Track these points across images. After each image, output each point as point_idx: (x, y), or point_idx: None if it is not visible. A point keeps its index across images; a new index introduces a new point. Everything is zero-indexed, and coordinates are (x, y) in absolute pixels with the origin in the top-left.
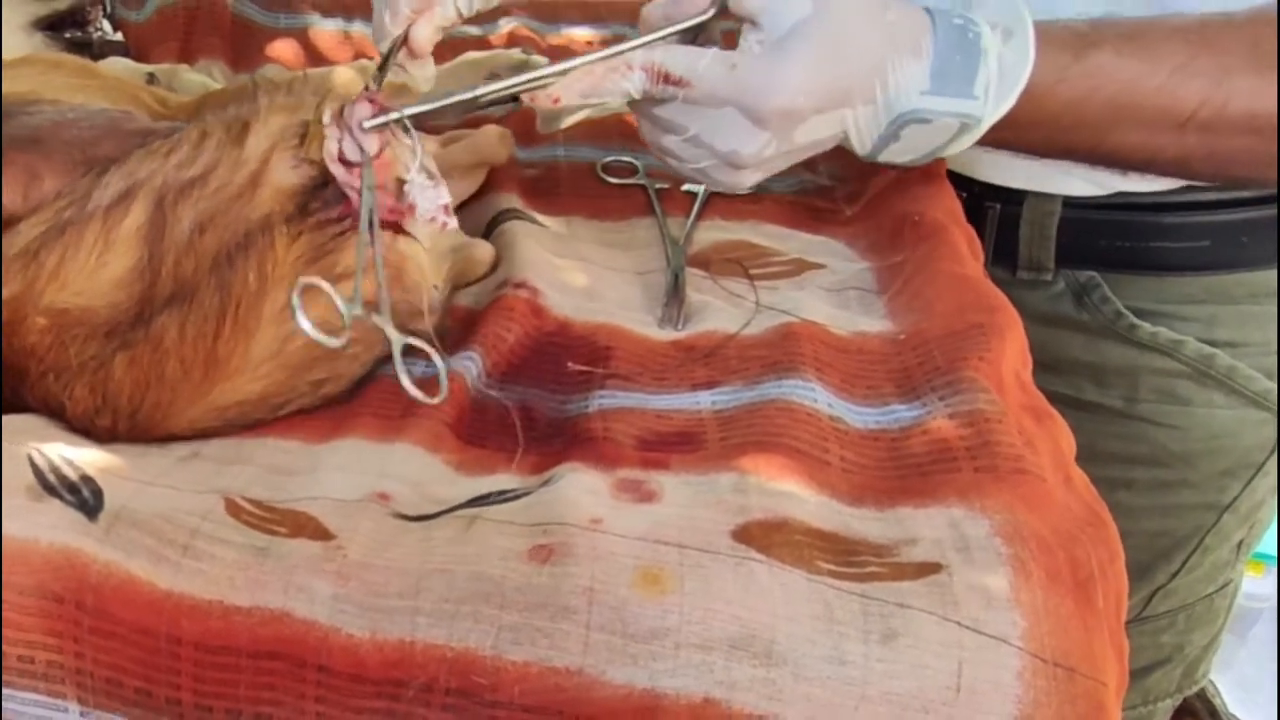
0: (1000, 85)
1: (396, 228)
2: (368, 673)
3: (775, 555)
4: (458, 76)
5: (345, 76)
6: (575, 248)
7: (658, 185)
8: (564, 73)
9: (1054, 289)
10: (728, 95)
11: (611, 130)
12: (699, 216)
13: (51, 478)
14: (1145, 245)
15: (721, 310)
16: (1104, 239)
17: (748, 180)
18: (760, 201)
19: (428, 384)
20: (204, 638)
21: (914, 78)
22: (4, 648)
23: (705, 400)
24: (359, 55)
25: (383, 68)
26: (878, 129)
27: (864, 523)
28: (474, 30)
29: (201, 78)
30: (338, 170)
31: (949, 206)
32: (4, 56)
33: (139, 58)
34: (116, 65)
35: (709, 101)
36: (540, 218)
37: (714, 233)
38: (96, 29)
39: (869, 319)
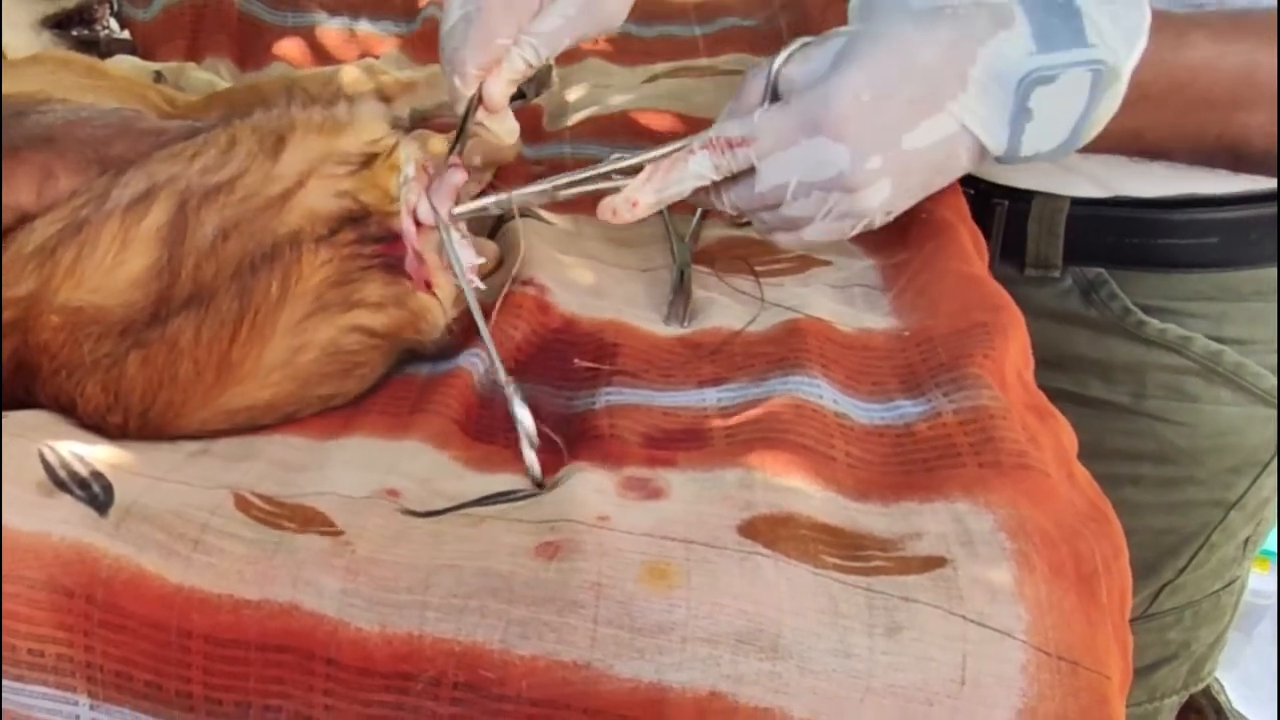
0: (1121, 30)
1: (425, 285)
2: (376, 666)
3: (781, 550)
4: None
5: (352, 75)
6: (581, 245)
7: None
8: (631, 169)
9: (1062, 286)
10: (793, 127)
11: (618, 128)
12: (705, 214)
13: (62, 473)
14: (1153, 242)
15: (727, 307)
16: (1112, 236)
17: (876, 199)
18: None
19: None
20: (214, 631)
21: (1014, 44)
22: (15, 641)
23: (711, 397)
24: (364, 53)
25: (461, 131)
26: (1003, 108)
27: (869, 517)
28: None
29: (209, 76)
30: (409, 226)
31: (956, 204)
32: (12, 55)
33: (146, 56)
34: (124, 64)
35: (781, 143)
36: (547, 215)
37: (719, 230)
38: (104, 27)
39: (874, 316)
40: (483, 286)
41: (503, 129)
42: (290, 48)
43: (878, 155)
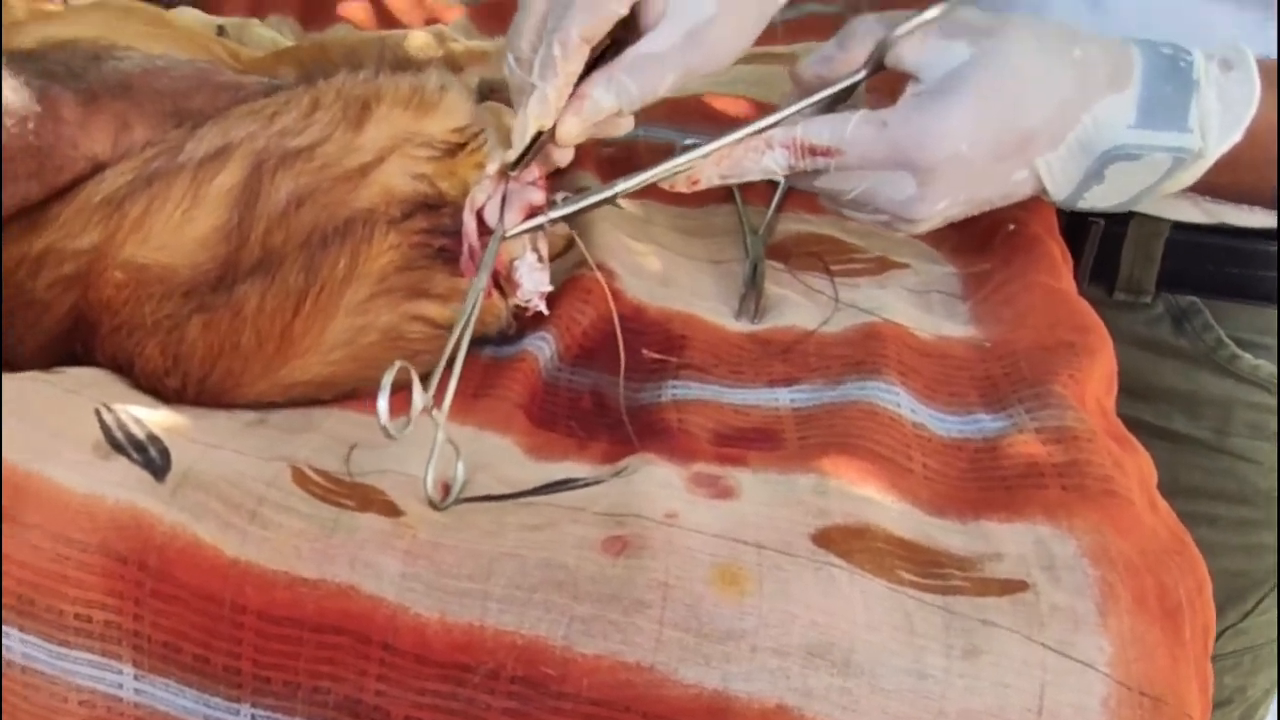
0: (1224, 118)
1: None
2: (433, 654)
3: (856, 562)
4: None
5: (420, 41)
6: (650, 232)
7: None
8: (703, 156)
9: (1152, 312)
10: (884, 156)
11: (691, 111)
12: (779, 207)
13: (119, 435)
14: (1255, 274)
15: (800, 305)
16: (1211, 264)
17: (926, 225)
18: None
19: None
20: (269, 608)
21: (1117, 111)
22: (62, 605)
23: (784, 397)
24: (431, 18)
25: (526, 152)
26: (1078, 171)
27: (946, 534)
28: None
29: (272, 34)
30: (469, 222)
31: (1046, 218)
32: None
33: (208, 9)
34: (186, 15)
35: (864, 165)
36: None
37: (794, 224)
38: None
39: (952, 324)
40: (545, 312)
41: (560, 157)
42: (355, 9)
43: (949, 200)
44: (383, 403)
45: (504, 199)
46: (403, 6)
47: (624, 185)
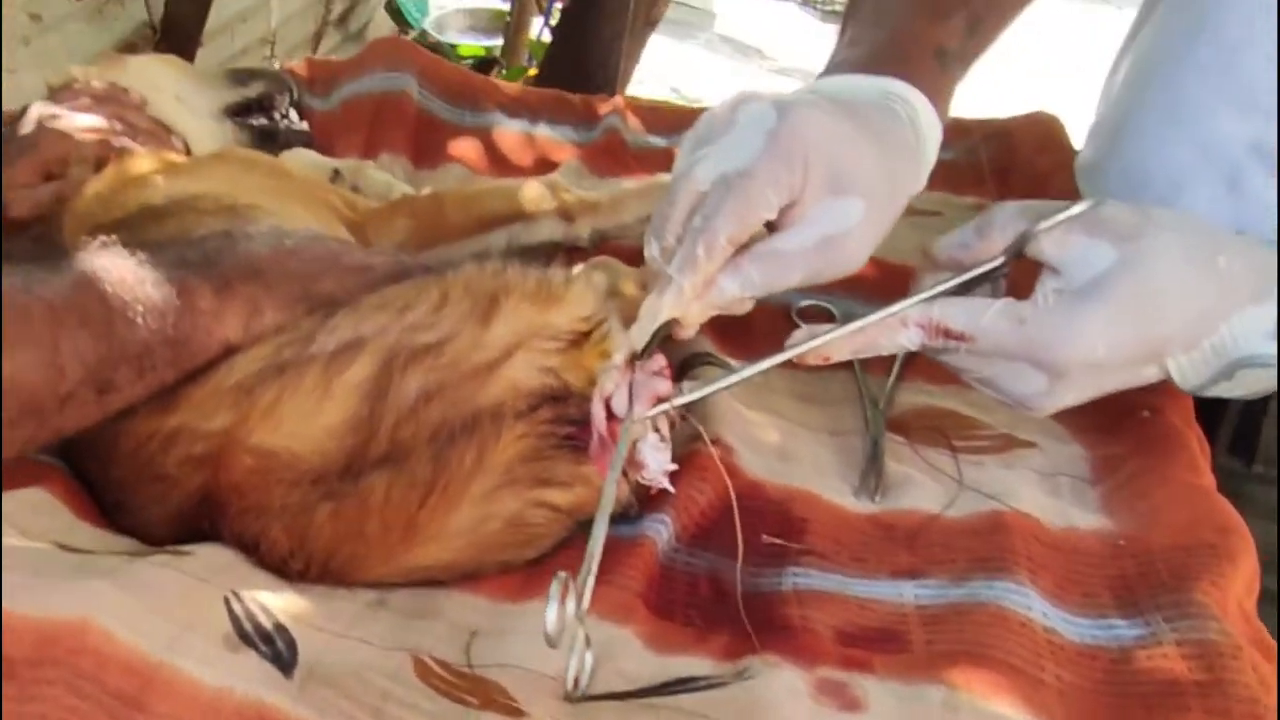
0: None
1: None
2: None
3: None
4: (652, 198)
5: (534, 193)
6: (767, 399)
7: None
8: (837, 338)
9: None
10: (1017, 349)
11: None
12: (900, 377)
13: (248, 625)
14: None
15: (922, 485)
16: None
17: (1048, 413)
18: None
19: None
20: None
21: (1256, 324)
22: None
23: (909, 593)
24: (541, 158)
25: (653, 340)
26: (1208, 371)
27: None
28: (659, 142)
29: (385, 177)
30: (598, 412)
31: (1183, 406)
32: (196, 144)
33: (323, 148)
34: (302, 158)
35: (997, 354)
36: (733, 364)
37: (916, 396)
38: (283, 117)
39: (1081, 511)
40: (671, 490)
41: (685, 335)
42: (467, 148)
43: (1076, 395)
44: (551, 615)
45: (631, 389)
46: (513, 145)
47: (751, 370)
